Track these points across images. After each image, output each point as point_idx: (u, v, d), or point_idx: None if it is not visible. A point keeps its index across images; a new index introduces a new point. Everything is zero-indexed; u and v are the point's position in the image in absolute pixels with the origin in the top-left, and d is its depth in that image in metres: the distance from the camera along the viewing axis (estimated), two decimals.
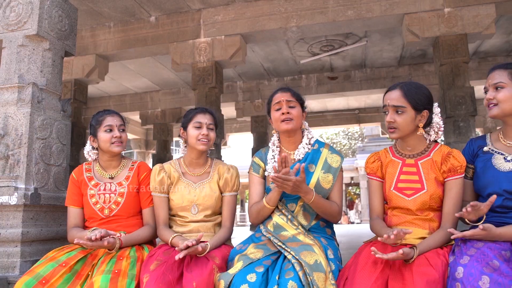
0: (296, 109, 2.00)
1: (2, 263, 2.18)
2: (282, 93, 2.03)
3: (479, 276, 1.41)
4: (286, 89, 2.05)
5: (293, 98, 2.01)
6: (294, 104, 2.00)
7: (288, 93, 2.02)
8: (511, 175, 1.68)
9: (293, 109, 1.99)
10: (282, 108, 1.99)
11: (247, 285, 1.59)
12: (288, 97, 2.00)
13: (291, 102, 2.00)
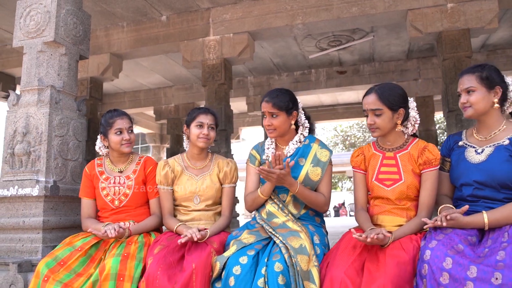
0: (278, 118, 2.15)
1: (26, 247, 2.43)
2: (265, 103, 2.17)
3: (444, 258, 1.59)
4: (268, 100, 2.17)
5: (274, 110, 2.14)
6: (277, 114, 2.15)
7: (270, 104, 2.16)
8: (480, 167, 1.84)
9: (275, 118, 2.15)
10: (265, 118, 2.16)
11: (239, 266, 1.80)
12: (269, 109, 2.15)
13: (273, 113, 2.15)
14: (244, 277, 1.76)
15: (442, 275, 1.56)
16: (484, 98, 1.87)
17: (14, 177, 2.55)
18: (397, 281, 1.59)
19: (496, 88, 1.88)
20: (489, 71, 1.91)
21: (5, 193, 2.52)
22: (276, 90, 2.25)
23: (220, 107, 5.70)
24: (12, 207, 2.55)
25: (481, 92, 1.87)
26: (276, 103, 2.17)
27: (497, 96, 1.87)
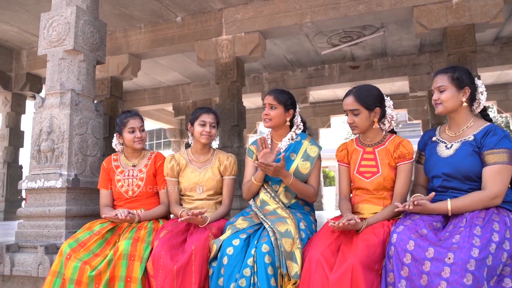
0: (275, 111, 2.40)
1: (52, 233, 2.76)
2: (268, 96, 2.44)
3: (407, 241, 1.81)
4: (271, 94, 2.44)
5: (274, 102, 2.40)
6: (276, 106, 2.41)
7: (272, 96, 2.42)
8: (448, 160, 2.04)
9: (273, 110, 2.40)
10: (265, 109, 2.42)
11: (232, 247, 2.06)
12: (270, 101, 2.41)
13: (272, 104, 2.41)
14: (236, 256, 2.02)
15: (406, 255, 1.78)
16: (454, 97, 2.06)
17: (41, 171, 2.88)
18: (366, 261, 1.82)
19: (465, 88, 2.07)
20: (460, 72, 2.10)
21: (33, 185, 2.85)
22: (280, 89, 2.51)
23: (232, 103, 5.96)
24: (39, 197, 2.88)
25: (451, 91, 2.06)
26: (277, 97, 2.43)
27: (466, 96, 2.07)
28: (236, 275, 1.98)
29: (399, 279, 1.77)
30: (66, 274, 2.24)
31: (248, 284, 1.94)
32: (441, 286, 1.64)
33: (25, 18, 6.02)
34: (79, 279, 2.22)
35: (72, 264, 2.25)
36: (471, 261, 1.63)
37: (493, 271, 1.69)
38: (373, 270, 1.85)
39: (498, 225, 1.80)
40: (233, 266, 2.01)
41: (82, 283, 2.22)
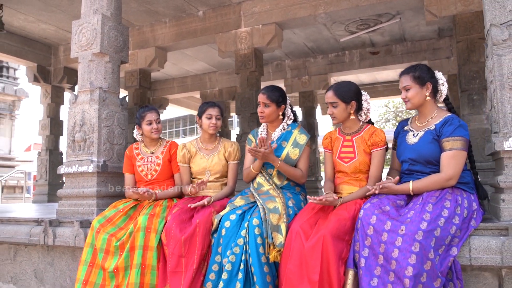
0: (269, 108, 2.75)
1: (85, 210, 3.26)
2: (261, 95, 2.78)
3: (371, 215, 2.15)
4: (264, 93, 2.77)
5: (267, 101, 2.74)
6: (269, 104, 2.75)
7: (265, 95, 2.75)
8: (413, 147, 2.35)
9: (267, 108, 2.75)
10: (259, 107, 2.77)
11: (229, 221, 2.46)
12: (263, 100, 2.76)
13: (266, 103, 2.75)
14: (232, 229, 2.43)
15: (369, 228, 2.13)
16: (418, 94, 2.36)
17: (75, 158, 3.37)
18: (336, 232, 2.17)
19: (427, 84, 2.35)
20: (420, 71, 2.38)
21: (69, 170, 3.35)
22: (272, 86, 2.83)
23: (251, 92, 6.31)
24: (75, 180, 3.38)
25: (415, 89, 2.36)
26: (269, 96, 2.77)
27: (429, 91, 2.36)
28: (231, 244, 2.39)
29: (363, 247, 2.12)
30: (97, 244, 2.72)
31: (241, 251, 2.34)
32: (394, 252, 1.98)
33: (61, 17, 6.56)
34: (107, 248, 2.70)
35: (101, 237, 2.72)
36: (419, 232, 1.96)
37: (441, 241, 2.02)
38: (343, 240, 2.21)
39: (449, 203, 2.10)
40: (229, 237, 2.41)
41: (109, 252, 2.69)
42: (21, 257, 3.56)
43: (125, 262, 2.64)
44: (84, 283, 2.66)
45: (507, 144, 2.18)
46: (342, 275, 2.14)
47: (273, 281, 2.31)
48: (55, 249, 3.35)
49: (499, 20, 2.31)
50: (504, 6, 2.30)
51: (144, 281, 2.59)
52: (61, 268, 3.33)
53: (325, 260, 2.11)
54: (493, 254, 2.05)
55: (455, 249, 2.06)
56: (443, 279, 1.98)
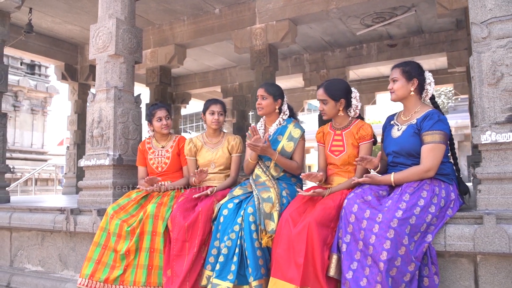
0: (266, 100, 2.95)
1: (102, 200, 3.55)
2: (260, 89, 2.98)
3: (353, 205, 2.32)
4: (263, 86, 2.98)
5: (265, 94, 2.95)
6: (266, 97, 2.95)
7: (263, 89, 2.97)
8: (397, 141, 2.50)
9: (264, 100, 2.95)
10: (258, 100, 2.97)
11: (227, 209, 2.68)
12: (262, 93, 2.96)
13: (264, 96, 2.96)
14: (229, 216, 2.65)
15: (351, 216, 2.30)
16: (403, 87, 2.50)
17: (94, 152, 3.67)
18: (321, 220, 2.35)
19: (414, 80, 2.49)
20: (411, 66, 2.52)
21: (88, 163, 3.65)
22: (270, 82, 3.05)
23: None
24: (93, 172, 3.68)
25: (402, 82, 2.50)
26: (267, 89, 2.98)
27: (414, 86, 2.49)
28: (228, 230, 2.61)
29: (345, 234, 2.30)
30: (110, 229, 3.00)
31: (236, 237, 2.56)
32: (371, 238, 2.16)
33: (85, 18, 6.92)
34: (119, 233, 2.97)
35: (114, 222, 3.00)
36: (394, 220, 2.12)
37: (417, 228, 2.17)
38: (328, 227, 2.39)
39: (426, 193, 2.25)
40: (226, 224, 2.64)
41: (121, 236, 2.97)
42: (48, 243, 3.91)
43: (136, 245, 2.91)
44: (97, 262, 2.94)
45: (484, 137, 2.30)
46: (327, 259, 2.32)
47: (266, 264, 2.52)
48: (76, 235, 3.67)
49: (480, 18, 2.42)
50: (485, 5, 2.40)
51: (153, 263, 2.85)
52: (82, 253, 3.64)
53: (310, 245, 2.30)
54: (466, 241, 2.18)
55: (430, 236, 2.21)
56: (417, 264, 2.14)
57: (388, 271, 2.07)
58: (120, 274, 2.85)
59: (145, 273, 2.83)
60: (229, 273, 2.48)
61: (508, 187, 2.25)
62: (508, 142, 2.25)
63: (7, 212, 4.11)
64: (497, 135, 2.26)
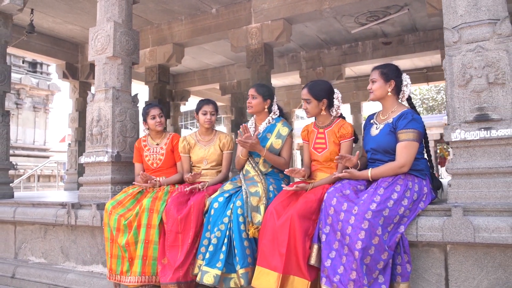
0: (256, 100, 3.13)
1: (101, 195, 3.74)
2: (252, 89, 3.16)
3: (332, 198, 2.49)
4: (254, 86, 3.16)
5: (255, 93, 3.13)
6: (256, 96, 3.13)
7: (254, 89, 3.15)
8: (374, 138, 2.67)
9: (254, 99, 3.13)
10: (248, 98, 3.15)
11: (217, 203, 2.86)
12: (252, 92, 3.14)
13: (254, 95, 3.13)
14: (219, 209, 2.83)
15: (330, 208, 2.48)
16: (381, 88, 2.67)
17: (93, 150, 3.85)
18: (303, 212, 2.53)
19: (391, 81, 2.66)
20: (389, 69, 2.69)
21: (88, 160, 3.84)
22: (261, 83, 3.22)
23: None
24: (93, 169, 3.87)
25: (380, 83, 2.67)
26: (257, 89, 3.16)
27: (391, 87, 2.66)
28: (218, 222, 2.79)
29: (325, 225, 2.48)
30: (110, 224, 3.19)
31: (226, 228, 2.75)
32: (348, 229, 2.33)
33: (85, 18, 7.09)
34: (117, 227, 3.16)
35: (113, 217, 3.19)
36: (369, 212, 2.30)
37: (390, 220, 2.35)
38: (310, 219, 2.57)
39: (400, 187, 2.43)
40: (217, 216, 2.82)
41: (120, 230, 3.16)
42: (50, 236, 4.10)
43: (134, 238, 3.10)
44: (110, 255, 3.18)
45: (454, 135, 2.47)
46: (308, 248, 2.50)
47: (252, 254, 2.70)
48: (77, 229, 3.87)
49: (451, 24, 2.58)
50: (456, 11, 2.56)
51: (147, 254, 3.04)
52: (82, 245, 3.84)
53: (292, 235, 2.48)
54: (436, 232, 2.36)
55: (402, 227, 2.38)
56: (390, 253, 2.32)
57: (362, 259, 2.25)
58: (129, 266, 3.08)
59: (140, 263, 3.02)
60: (218, 262, 2.67)
61: (475, 181, 2.42)
62: (476, 140, 2.42)
63: (11, 207, 4.30)
64: (466, 133, 2.43)
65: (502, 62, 2.39)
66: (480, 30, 2.47)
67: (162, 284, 2.92)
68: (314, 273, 2.49)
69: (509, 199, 2.33)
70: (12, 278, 4.12)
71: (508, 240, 2.18)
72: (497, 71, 2.39)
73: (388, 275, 2.32)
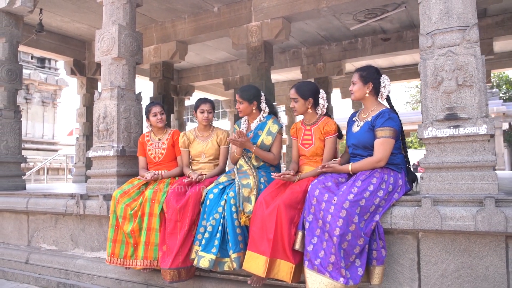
0: (242, 105, 3.38)
1: (108, 186, 4.00)
2: (237, 95, 3.41)
3: (315, 189, 2.75)
4: (238, 93, 3.40)
5: (240, 99, 3.38)
6: (242, 102, 3.38)
7: (238, 95, 3.39)
8: (355, 135, 2.92)
9: (241, 104, 3.38)
10: (237, 103, 3.40)
11: (212, 194, 3.13)
12: (238, 98, 3.39)
13: (240, 101, 3.38)
14: (214, 199, 3.10)
15: (313, 199, 2.73)
16: (360, 89, 2.91)
17: (100, 144, 4.13)
18: (289, 202, 2.79)
19: (369, 83, 2.90)
20: (368, 72, 2.92)
21: (95, 154, 4.12)
22: (246, 87, 3.46)
23: (262, 81, 6.90)
24: (100, 162, 4.15)
25: (359, 85, 2.91)
26: (242, 95, 3.42)
27: (369, 89, 2.90)
28: (213, 211, 3.06)
29: (308, 214, 2.74)
30: (117, 212, 3.48)
31: (220, 217, 3.02)
32: (328, 217, 2.58)
33: (92, 17, 7.36)
34: (124, 215, 3.45)
35: (120, 206, 3.47)
36: (346, 202, 2.55)
37: (366, 209, 2.60)
38: (295, 208, 2.82)
39: (376, 180, 2.68)
40: (212, 206, 3.09)
41: (126, 218, 3.44)
42: (60, 224, 4.40)
43: (139, 225, 3.39)
44: (114, 241, 3.45)
45: (426, 133, 2.71)
46: (293, 235, 2.77)
47: (244, 240, 2.97)
48: (85, 218, 4.16)
49: (426, 30, 2.81)
50: (431, 18, 2.79)
51: (150, 240, 3.33)
52: (90, 233, 4.13)
53: (279, 223, 2.75)
54: (408, 220, 2.61)
55: (378, 216, 2.63)
56: (366, 239, 2.57)
57: (340, 244, 2.51)
58: (133, 250, 3.36)
59: (143, 249, 3.31)
60: (212, 247, 2.94)
61: (445, 175, 2.66)
62: (446, 137, 2.66)
63: (24, 198, 4.61)
64: (437, 130, 2.67)
65: (470, 66, 2.62)
66: (451, 36, 2.70)
67: (162, 269, 3.20)
68: (299, 257, 2.76)
69: (474, 190, 2.57)
70: (26, 264, 4.44)
71: (470, 227, 2.43)
72: (465, 74, 2.62)
73: (364, 259, 2.58)
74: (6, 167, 5.18)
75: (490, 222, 2.37)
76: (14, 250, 4.65)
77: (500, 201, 2.43)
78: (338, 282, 2.45)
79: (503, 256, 2.46)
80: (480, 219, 2.40)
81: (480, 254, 2.51)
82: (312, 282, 2.53)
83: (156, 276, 3.54)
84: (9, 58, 5.28)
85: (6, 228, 4.90)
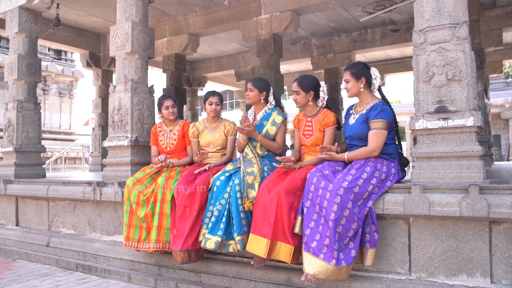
0: (253, 92, 3.58)
1: (122, 174, 4.27)
2: (249, 82, 3.61)
3: (313, 177, 2.95)
4: (250, 81, 3.61)
5: (251, 86, 3.58)
6: (253, 89, 3.58)
7: (250, 83, 3.60)
8: (351, 127, 3.10)
9: (251, 92, 3.59)
10: (247, 92, 3.61)
11: (219, 181, 3.36)
12: (249, 86, 3.59)
13: (251, 88, 3.59)
14: (221, 186, 3.33)
15: (311, 186, 2.94)
16: (354, 86, 3.09)
17: (115, 135, 4.39)
18: (288, 189, 3.00)
19: (362, 78, 3.07)
20: (358, 68, 3.10)
21: (111, 144, 4.38)
22: (258, 77, 3.66)
23: (271, 73, 7.08)
24: (115, 152, 4.41)
25: (352, 82, 3.09)
26: (254, 83, 3.62)
27: (363, 84, 3.08)
28: (220, 197, 3.29)
29: (306, 200, 2.95)
30: (130, 198, 3.74)
31: (226, 202, 3.25)
32: (324, 203, 2.79)
33: (107, 11, 7.61)
34: (137, 201, 3.70)
35: (133, 193, 3.73)
36: (341, 189, 2.75)
37: (359, 196, 2.80)
38: (295, 195, 3.04)
39: (369, 168, 2.87)
40: (218, 192, 3.32)
41: (139, 204, 3.69)
42: (78, 210, 4.70)
43: (152, 211, 3.64)
44: (128, 225, 3.72)
45: (418, 124, 2.88)
46: (293, 219, 2.98)
47: (248, 224, 3.19)
48: (102, 204, 4.44)
49: (419, 27, 2.97)
50: (423, 16, 2.95)
51: (162, 225, 3.58)
52: (106, 218, 4.42)
53: (279, 208, 2.96)
54: (398, 206, 2.80)
55: (370, 202, 2.83)
56: (359, 223, 2.77)
57: (335, 228, 2.71)
58: (146, 235, 3.62)
59: (155, 232, 3.57)
60: (218, 230, 3.18)
61: (434, 164, 2.84)
62: (436, 128, 2.83)
63: (44, 185, 4.91)
64: (428, 122, 2.84)
65: (460, 61, 2.78)
66: (442, 33, 2.85)
67: (173, 251, 3.46)
68: (298, 240, 2.97)
69: (461, 179, 2.74)
70: (47, 247, 4.75)
71: (456, 213, 2.61)
72: (455, 69, 2.78)
73: (357, 241, 2.78)
74: (27, 156, 5.50)
75: (474, 208, 2.55)
76: (36, 234, 4.98)
77: (484, 189, 2.60)
78: (330, 264, 2.66)
79: (487, 240, 2.64)
80: (464, 205, 2.58)
81: (466, 238, 2.69)
82: (308, 264, 2.75)
83: (167, 258, 3.80)
84: (29, 53, 5.56)
85: (28, 214, 5.22)
